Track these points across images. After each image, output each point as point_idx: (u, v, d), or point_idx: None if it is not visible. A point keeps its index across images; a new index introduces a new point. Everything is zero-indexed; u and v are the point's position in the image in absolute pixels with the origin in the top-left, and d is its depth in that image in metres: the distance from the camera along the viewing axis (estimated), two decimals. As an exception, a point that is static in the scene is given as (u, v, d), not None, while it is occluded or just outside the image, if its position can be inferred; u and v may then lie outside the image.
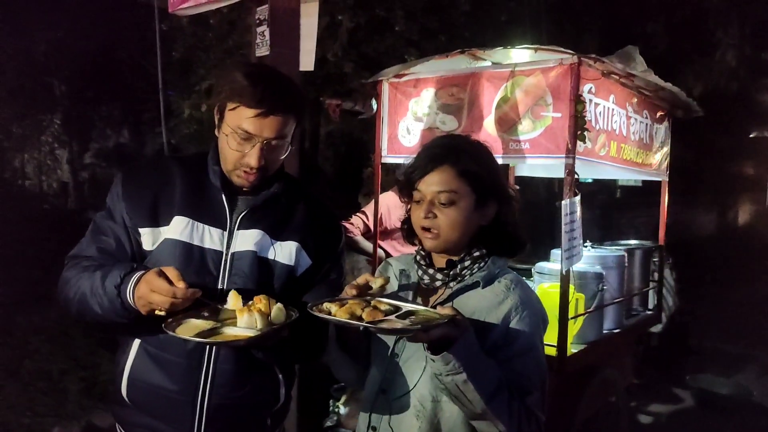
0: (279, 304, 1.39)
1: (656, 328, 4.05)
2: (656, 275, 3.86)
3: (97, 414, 4.25)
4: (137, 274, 1.40)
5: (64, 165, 13.63)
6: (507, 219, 1.50)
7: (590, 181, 4.72)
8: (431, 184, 1.43)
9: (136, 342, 1.55)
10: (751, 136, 15.75)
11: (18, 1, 9.74)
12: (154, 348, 1.53)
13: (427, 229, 1.44)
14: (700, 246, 11.67)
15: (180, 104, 6.63)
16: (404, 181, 1.49)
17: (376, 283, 1.39)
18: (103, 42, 11.00)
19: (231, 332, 1.33)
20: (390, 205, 3.46)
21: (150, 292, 1.34)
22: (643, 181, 4.32)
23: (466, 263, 1.46)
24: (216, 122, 1.57)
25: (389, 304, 1.32)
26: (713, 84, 6.45)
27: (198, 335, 1.30)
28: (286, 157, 1.60)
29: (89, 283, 1.47)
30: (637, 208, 11.54)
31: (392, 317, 1.27)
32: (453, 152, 1.44)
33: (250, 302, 1.40)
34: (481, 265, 1.47)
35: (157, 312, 1.35)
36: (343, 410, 3.12)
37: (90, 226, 1.62)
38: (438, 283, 1.48)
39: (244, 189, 1.59)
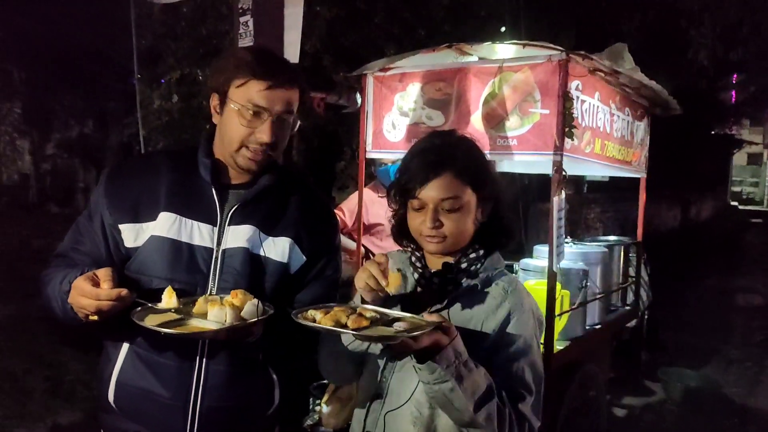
0: (254, 300, 1.33)
1: (630, 323, 4.12)
2: (632, 271, 3.91)
3: (64, 414, 4.13)
4: None
5: (26, 156, 13.15)
6: (503, 212, 1.49)
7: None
8: (433, 192, 1.39)
9: (126, 345, 1.48)
10: (713, 132, 16.25)
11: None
12: (145, 350, 1.46)
13: (431, 235, 1.41)
14: (666, 241, 11.98)
15: (148, 95, 6.45)
16: (400, 189, 1.45)
17: (392, 281, 1.30)
18: (64, 27, 10.60)
19: (198, 325, 1.28)
20: (367, 201, 3.43)
21: (78, 296, 1.29)
22: (610, 177, 4.37)
23: (463, 266, 1.44)
24: (213, 109, 1.51)
25: (375, 311, 1.29)
26: (684, 82, 6.59)
27: (162, 325, 1.25)
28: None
29: (52, 286, 1.43)
30: (605, 203, 11.78)
31: (379, 326, 1.24)
32: (450, 156, 1.41)
33: (224, 296, 1.36)
34: (478, 267, 1.44)
35: (90, 317, 1.30)
36: (325, 409, 3.06)
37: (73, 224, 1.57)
38: (435, 287, 1.44)
39: (234, 183, 1.54)
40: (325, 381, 2.49)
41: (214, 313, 1.28)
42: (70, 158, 13.52)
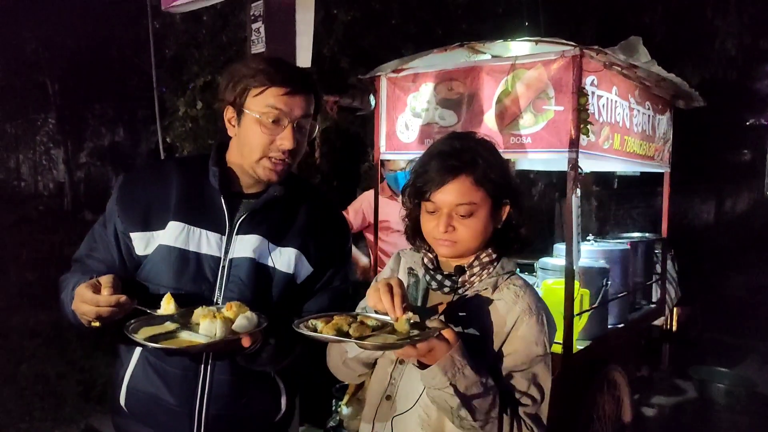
0: (248, 313, 1.32)
1: (658, 320, 4.02)
2: (659, 267, 3.82)
3: (96, 417, 4.21)
4: None
5: (60, 165, 13.53)
6: (518, 219, 1.45)
7: (585, 172, 4.63)
8: (448, 197, 1.35)
9: (138, 350, 1.50)
10: (748, 123, 15.75)
11: (3, -2, 9.63)
12: (155, 357, 1.48)
13: (443, 240, 1.38)
14: (699, 236, 11.68)
15: (174, 102, 6.56)
16: (415, 191, 1.41)
17: (400, 323, 1.23)
18: (94, 39, 10.87)
19: (188, 338, 1.27)
20: (371, 201, 3.46)
21: (79, 302, 1.31)
22: (642, 172, 4.28)
23: (475, 269, 1.41)
24: (228, 122, 1.50)
25: (376, 320, 1.28)
26: (711, 73, 6.39)
27: (150, 339, 1.25)
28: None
29: (66, 291, 1.46)
30: (635, 198, 11.52)
31: (383, 332, 1.23)
32: (469, 160, 1.36)
33: (220, 307, 1.36)
34: (490, 270, 1.42)
35: (92, 323, 1.32)
36: (345, 411, 3.07)
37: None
38: (446, 290, 1.43)
39: (246, 193, 1.54)
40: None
41: (205, 326, 1.27)
42: (102, 166, 13.87)
